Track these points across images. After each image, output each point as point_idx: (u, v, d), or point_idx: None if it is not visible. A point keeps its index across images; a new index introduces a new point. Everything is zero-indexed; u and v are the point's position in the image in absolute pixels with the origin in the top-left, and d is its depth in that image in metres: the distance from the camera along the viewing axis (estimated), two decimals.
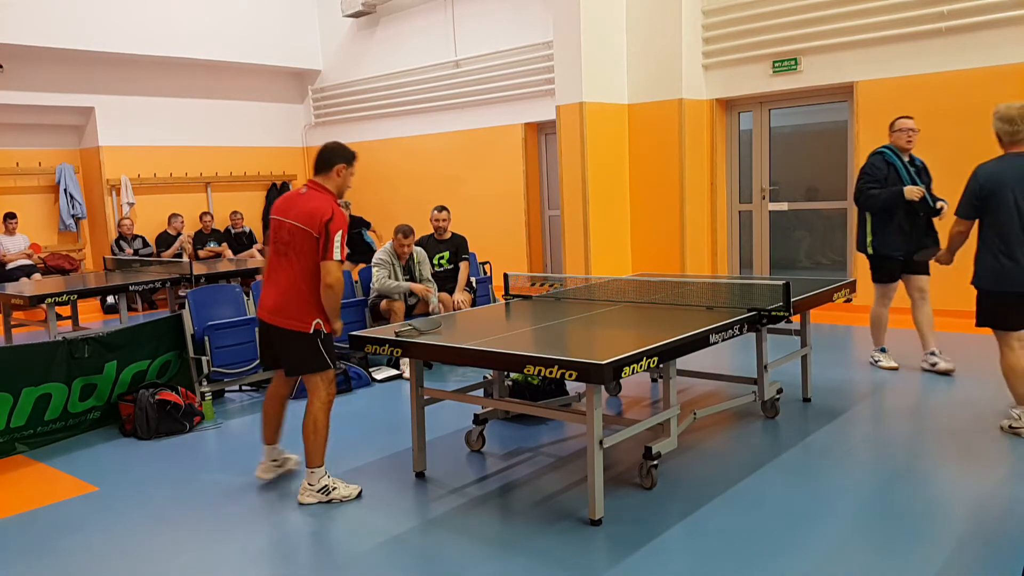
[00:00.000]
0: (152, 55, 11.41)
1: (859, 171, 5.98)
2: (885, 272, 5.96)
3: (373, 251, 11.55)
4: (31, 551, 3.61)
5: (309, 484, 4.00)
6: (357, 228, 11.68)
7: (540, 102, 10.45)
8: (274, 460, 4.34)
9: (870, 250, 5.94)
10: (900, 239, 5.83)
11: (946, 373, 5.81)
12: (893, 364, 6.05)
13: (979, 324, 4.63)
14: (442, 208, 7.51)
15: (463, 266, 7.47)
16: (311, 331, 3.91)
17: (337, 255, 3.81)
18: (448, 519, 3.73)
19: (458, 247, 7.53)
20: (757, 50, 8.75)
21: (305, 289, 3.90)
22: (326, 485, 4.00)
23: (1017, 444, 4.36)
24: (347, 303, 6.81)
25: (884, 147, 5.94)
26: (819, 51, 8.36)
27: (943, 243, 5.09)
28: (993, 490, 3.76)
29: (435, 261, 7.41)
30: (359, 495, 4.03)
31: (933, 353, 5.93)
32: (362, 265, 11.23)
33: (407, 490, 4.12)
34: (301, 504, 3.96)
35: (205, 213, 11.90)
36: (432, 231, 7.51)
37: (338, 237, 3.81)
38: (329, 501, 3.97)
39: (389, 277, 6.87)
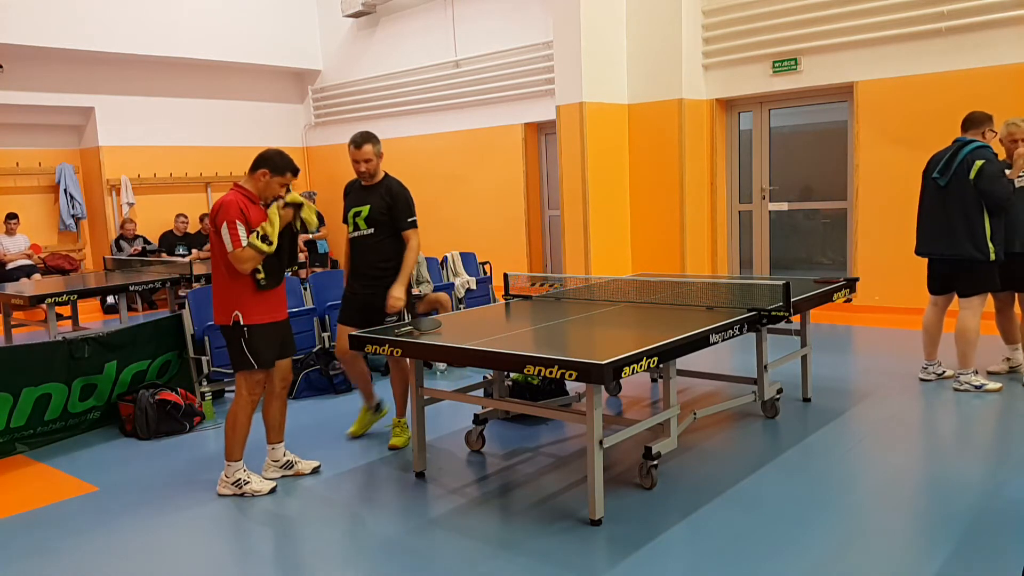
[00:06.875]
0: (152, 55, 11.41)
1: (981, 170, 5.08)
2: (995, 278, 5.31)
3: (316, 248, 11.52)
4: (31, 551, 3.61)
5: (226, 476, 4.16)
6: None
7: (540, 102, 10.45)
8: (275, 460, 4.38)
9: (992, 256, 5.17)
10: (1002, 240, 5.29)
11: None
12: (997, 385, 5.37)
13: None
14: (364, 140, 4.55)
15: (407, 238, 4.61)
16: (231, 323, 4.04)
17: (230, 246, 3.91)
18: (448, 519, 3.73)
19: (394, 198, 4.59)
20: (757, 50, 8.75)
21: (222, 283, 4.06)
22: (240, 478, 4.15)
23: (1018, 443, 4.36)
24: None
25: (982, 143, 5.22)
26: (819, 51, 8.36)
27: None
28: (993, 489, 3.76)
29: (350, 220, 4.70)
30: (272, 491, 4.15)
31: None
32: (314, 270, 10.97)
33: (407, 490, 4.12)
34: (220, 495, 4.14)
35: (205, 215, 11.90)
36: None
37: (224, 229, 3.92)
38: (243, 494, 4.13)
39: None
